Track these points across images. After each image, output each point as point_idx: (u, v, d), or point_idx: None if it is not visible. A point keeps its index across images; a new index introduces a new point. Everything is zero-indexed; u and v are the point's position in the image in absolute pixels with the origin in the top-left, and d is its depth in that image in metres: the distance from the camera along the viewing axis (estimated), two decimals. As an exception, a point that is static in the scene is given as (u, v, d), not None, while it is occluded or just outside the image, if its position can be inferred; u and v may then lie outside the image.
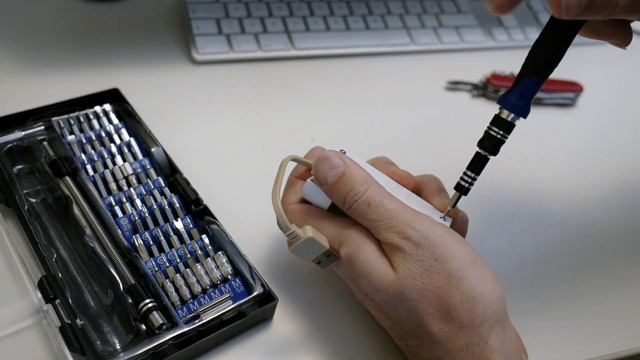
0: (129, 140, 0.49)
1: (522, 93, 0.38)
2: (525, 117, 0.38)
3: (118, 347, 0.38)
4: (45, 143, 0.47)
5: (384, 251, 0.37)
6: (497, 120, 0.38)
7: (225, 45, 0.64)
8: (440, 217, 0.40)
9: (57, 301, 0.38)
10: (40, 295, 0.39)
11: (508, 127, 0.38)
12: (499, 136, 0.38)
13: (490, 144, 0.38)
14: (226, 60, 0.63)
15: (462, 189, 0.40)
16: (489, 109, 0.66)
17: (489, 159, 0.39)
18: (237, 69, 0.63)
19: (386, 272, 0.36)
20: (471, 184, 0.40)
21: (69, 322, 0.37)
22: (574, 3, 0.33)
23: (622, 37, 0.38)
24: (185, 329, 0.38)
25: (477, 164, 0.39)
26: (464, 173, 0.40)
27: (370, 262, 0.37)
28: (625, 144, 0.65)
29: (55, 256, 0.42)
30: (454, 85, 0.67)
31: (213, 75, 0.62)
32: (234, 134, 0.57)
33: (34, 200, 0.45)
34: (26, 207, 0.44)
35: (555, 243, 0.53)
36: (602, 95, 0.71)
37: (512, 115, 0.38)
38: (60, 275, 0.40)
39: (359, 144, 0.58)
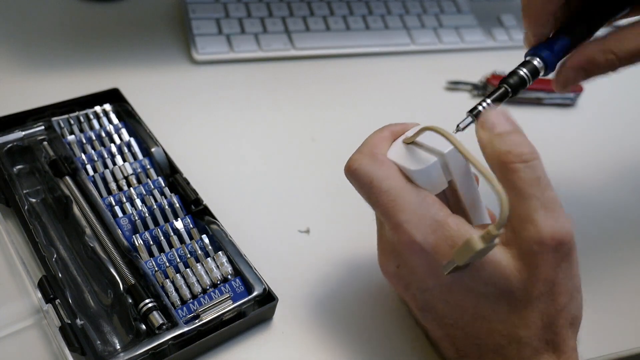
0: (129, 140, 0.49)
1: (553, 49, 0.39)
2: (547, 74, 0.39)
3: (118, 347, 0.38)
4: (45, 143, 0.47)
5: (507, 240, 0.33)
6: (527, 64, 0.39)
7: (225, 45, 0.64)
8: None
9: (57, 301, 0.38)
10: (40, 295, 0.39)
11: (535, 74, 0.39)
12: (526, 77, 0.38)
13: (514, 82, 0.38)
14: (226, 61, 0.63)
15: (478, 114, 0.38)
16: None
17: (509, 96, 0.38)
18: (237, 69, 0.63)
19: (511, 271, 0.32)
20: None
21: (69, 322, 0.37)
22: (562, 81, 0.38)
23: None
24: (185, 329, 0.38)
25: (499, 97, 0.38)
26: (483, 100, 0.38)
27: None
28: (626, 144, 0.65)
29: (55, 256, 0.42)
30: (454, 85, 0.67)
31: (213, 75, 0.62)
32: (234, 134, 0.56)
33: (34, 200, 0.45)
34: (26, 207, 0.44)
35: (555, 243, 0.53)
36: (602, 95, 0.71)
37: (542, 64, 0.39)
38: (60, 275, 0.40)
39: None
